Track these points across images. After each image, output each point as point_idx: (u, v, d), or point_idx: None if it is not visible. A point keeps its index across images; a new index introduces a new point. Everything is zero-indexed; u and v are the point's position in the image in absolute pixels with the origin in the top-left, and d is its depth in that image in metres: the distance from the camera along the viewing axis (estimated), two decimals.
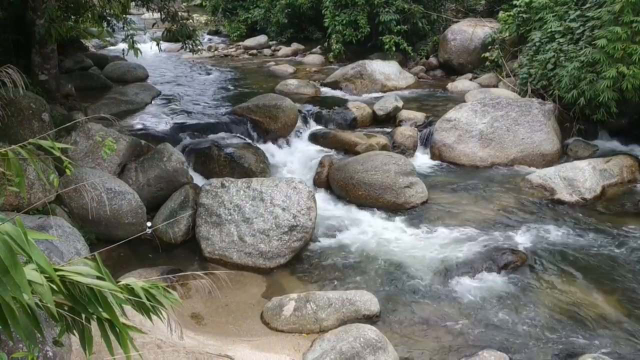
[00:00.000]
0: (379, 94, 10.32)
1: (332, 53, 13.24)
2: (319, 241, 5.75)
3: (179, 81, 11.53)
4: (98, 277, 1.67)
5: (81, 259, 1.82)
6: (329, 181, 6.91)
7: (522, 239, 5.68)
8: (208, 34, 18.01)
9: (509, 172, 7.47)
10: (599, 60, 7.26)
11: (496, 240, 5.65)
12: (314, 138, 8.25)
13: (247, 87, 11.08)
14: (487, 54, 10.88)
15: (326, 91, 10.71)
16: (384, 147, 7.72)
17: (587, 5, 8.35)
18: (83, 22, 8.60)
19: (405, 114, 8.86)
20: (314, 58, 13.76)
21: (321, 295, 4.51)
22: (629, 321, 4.45)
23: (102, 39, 12.89)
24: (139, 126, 7.98)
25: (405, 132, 8.22)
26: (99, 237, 5.38)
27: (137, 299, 1.72)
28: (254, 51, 15.00)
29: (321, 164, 7.12)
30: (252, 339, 4.23)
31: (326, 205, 6.53)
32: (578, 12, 8.47)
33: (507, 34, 10.63)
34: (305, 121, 8.64)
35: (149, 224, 5.76)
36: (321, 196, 6.70)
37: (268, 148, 7.70)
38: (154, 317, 1.82)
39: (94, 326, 1.73)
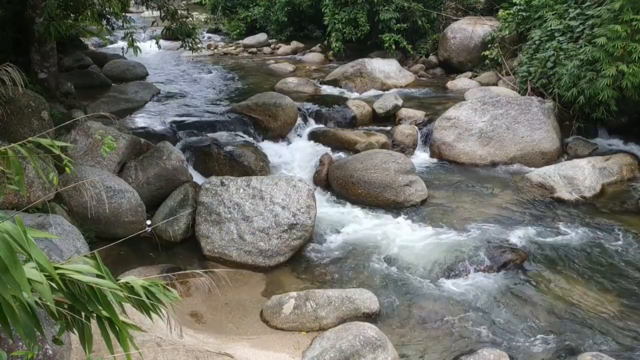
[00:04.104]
0: (379, 92, 10.32)
1: (331, 51, 13.23)
2: (319, 239, 5.75)
3: (178, 79, 11.52)
4: (98, 276, 1.67)
5: (81, 257, 1.82)
6: (329, 179, 6.91)
7: (522, 237, 5.68)
8: (207, 32, 17.95)
9: (509, 171, 7.47)
10: (599, 59, 7.25)
11: (496, 238, 5.65)
12: (314, 136, 8.25)
13: (246, 85, 11.07)
14: (487, 52, 10.87)
15: (326, 89, 10.69)
16: (383, 146, 7.72)
17: (587, 3, 8.34)
18: (82, 20, 8.60)
19: (404, 112, 8.86)
20: (313, 56, 13.74)
21: (321, 293, 4.52)
22: (628, 319, 4.46)
23: (101, 37, 12.87)
24: (139, 124, 7.97)
25: (404, 131, 8.22)
26: (99, 236, 5.39)
27: (136, 297, 1.73)
28: (254, 49, 14.97)
29: (321, 162, 7.12)
30: (251, 337, 4.23)
31: (326, 204, 6.53)
32: (578, 11, 8.46)
33: (507, 32, 10.61)
34: (305, 119, 8.63)
35: (148, 222, 5.76)
36: (321, 194, 6.71)
37: (268, 146, 7.69)
38: (153, 315, 1.83)
39: (94, 324, 1.73)
